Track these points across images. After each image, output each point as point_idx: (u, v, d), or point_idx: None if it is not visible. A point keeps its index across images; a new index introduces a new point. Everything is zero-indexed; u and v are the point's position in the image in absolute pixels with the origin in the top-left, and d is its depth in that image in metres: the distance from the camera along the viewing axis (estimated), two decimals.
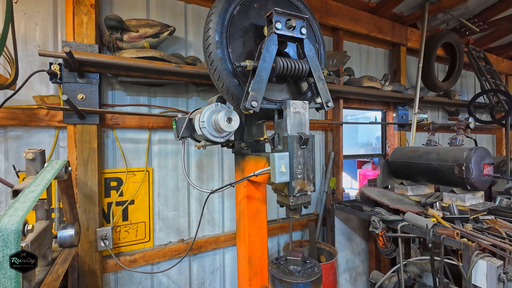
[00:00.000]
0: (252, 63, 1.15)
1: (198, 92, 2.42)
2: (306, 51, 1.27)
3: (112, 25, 1.91)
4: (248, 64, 1.15)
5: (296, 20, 1.21)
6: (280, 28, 1.17)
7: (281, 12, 1.17)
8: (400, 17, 3.57)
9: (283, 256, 1.32)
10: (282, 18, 1.18)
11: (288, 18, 1.19)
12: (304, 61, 1.27)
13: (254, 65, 1.15)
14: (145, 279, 2.22)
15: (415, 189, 2.62)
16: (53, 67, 1.81)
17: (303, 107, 1.21)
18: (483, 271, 1.66)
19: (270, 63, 1.17)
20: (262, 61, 1.15)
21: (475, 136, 3.09)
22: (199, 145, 1.45)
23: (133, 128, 2.16)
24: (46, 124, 1.86)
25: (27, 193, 1.05)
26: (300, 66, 1.26)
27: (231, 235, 2.52)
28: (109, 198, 2.10)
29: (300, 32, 1.23)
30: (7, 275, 0.85)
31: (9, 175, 1.80)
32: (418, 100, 3.31)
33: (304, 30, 1.24)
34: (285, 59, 1.23)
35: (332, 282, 2.56)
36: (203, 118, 1.32)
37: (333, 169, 3.12)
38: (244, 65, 1.15)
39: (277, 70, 1.21)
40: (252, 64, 1.15)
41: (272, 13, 1.16)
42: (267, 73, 1.17)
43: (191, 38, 2.41)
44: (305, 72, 1.28)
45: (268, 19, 1.20)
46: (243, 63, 1.15)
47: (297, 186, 1.12)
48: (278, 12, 1.16)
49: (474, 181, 2.07)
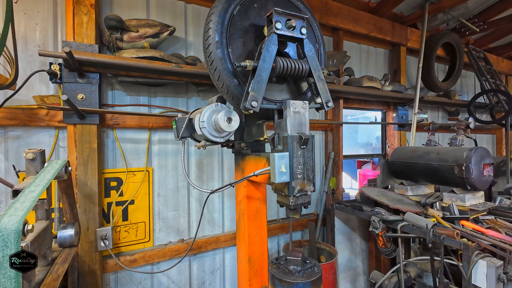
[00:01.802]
0: (252, 63, 1.15)
1: (198, 92, 2.42)
2: (306, 51, 1.27)
3: (112, 25, 1.91)
4: (248, 64, 1.14)
5: (296, 20, 1.21)
6: (280, 28, 1.17)
7: (281, 12, 1.17)
8: (400, 17, 3.57)
9: (283, 256, 1.32)
10: (282, 18, 1.18)
11: (288, 18, 1.19)
12: (304, 61, 1.27)
13: (254, 65, 1.15)
14: (145, 279, 2.22)
15: (415, 189, 2.62)
16: (53, 67, 1.81)
17: (303, 107, 1.21)
18: (483, 271, 1.66)
19: (270, 63, 1.17)
20: (262, 61, 1.15)
21: (475, 136, 3.09)
22: (199, 145, 1.45)
23: (133, 128, 2.16)
24: (46, 124, 1.86)
25: (27, 193, 1.05)
26: (300, 66, 1.25)
27: (231, 235, 2.52)
28: (109, 198, 2.10)
29: (300, 32, 1.23)
30: (7, 275, 0.85)
31: (9, 175, 1.80)
32: (418, 100, 3.31)
33: (304, 30, 1.24)
34: (285, 59, 1.23)
35: (332, 282, 2.56)
36: (203, 118, 1.32)
37: (333, 169, 3.12)
38: (244, 65, 1.15)
39: (277, 70, 1.21)
40: (252, 64, 1.15)
41: (272, 13, 1.16)
42: (267, 73, 1.17)
43: (191, 38, 2.41)
44: (305, 72, 1.27)
45: (268, 19, 1.20)
46: (243, 63, 1.15)
47: (297, 186, 1.12)
48: (278, 12, 1.16)
49: (474, 181, 2.07)
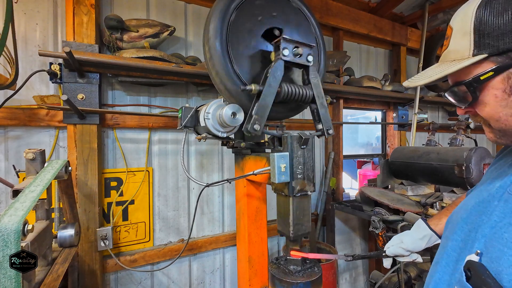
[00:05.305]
0: (257, 87, 1.16)
1: (198, 92, 2.42)
2: (311, 78, 1.29)
3: (112, 25, 1.91)
4: (253, 88, 1.15)
5: (303, 48, 1.24)
6: (287, 55, 1.20)
7: (289, 40, 1.20)
8: (400, 17, 3.57)
9: (283, 256, 1.31)
10: (289, 45, 1.21)
11: (296, 46, 1.23)
12: (308, 87, 1.30)
13: (259, 89, 1.16)
14: (145, 279, 2.22)
15: (415, 189, 2.62)
16: (53, 67, 1.81)
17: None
18: None
19: (276, 88, 1.19)
20: (268, 87, 1.17)
21: (475, 136, 3.08)
22: (199, 137, 1.47)
23: (133, 128, 2.16)
24: (46, 124, 1.86)
25: (27, 193, 1.05)
26: (304, 92, 1.28)
27: (231, 235, 2.52)
28: (109, 198, 2.10)
29: (306, 59, 1.26)
30: (7, 275, 0.85)
31: (9, 175, 1.81)
32: (418, 100, 3.31)
33: (311, 58, 1.27)
34: (290, 85, 1.25)
35: (332, 282, 2.56)
36: (209, 110, 1.37)
37: (333, 169, 3.12)
38: (249, 89, 1.16)
39: (281, 95, 1.23)
40: (257, 88, 1.16)
41: (280, 40, 1.19)
42: (272, 98, 1.18)
43: (191, 38, 2.42)
44: (309, 98, 1.30)
45: (275, 45, 1.23)
46: (249, 87, 1.16)
47: (297, 186, 1.12)
48: (286, 40, 1.19)
49: (474, 181, 2.07)
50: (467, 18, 0.64)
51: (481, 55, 0.62)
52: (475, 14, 0.62)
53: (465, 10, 0.66)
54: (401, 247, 1.27)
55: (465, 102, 0.71)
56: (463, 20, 0.65)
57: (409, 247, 1.26)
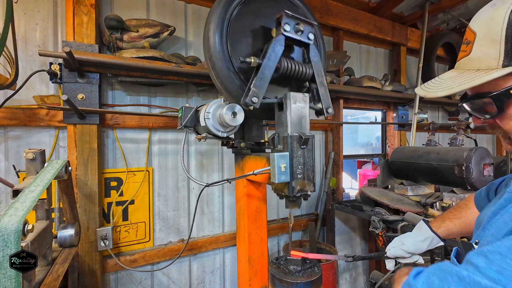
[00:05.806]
0: (256, 60, 1.16)
1: (198, 92, 2.42)
2: (312, 56, 1.29)
3: (112, 25, 1.91)
4: (252, 61, 1.15)
5: (305, 26, 1.23)
6: (288, 30, 1.19)
7: (290, 16, 1.19)
8: (400, 17, 3.57)
9: (283, 256, 1.31)
10: (291, 21, 1.20)
11: (297, 22, 1.21)
12: (308, 65, 1.29)
13: (258, 62, 1.16)
14: (145, 279, 2.22)
15: (415, 189, 2.62)
16: (53, 67, 1.81)
17: (303, 99, 1.21)
18: None
19: (275, 62, 1.18)
20: (267, 60, 1.16)
21: (475, 136, 3.08)
22: (199, 136, 1.47)
23: (133, 128, 2.16)
24: (46, 124, 1.86)
25: (27, 193, 1.05)
26: (303, 69, 1.27)
27: (231, 235, 2.52)
28: (109, 198, 2.09)
29: (307, 37, 1.25)
30: (7, 275, 0.85)
31: (9, 175, 1.80)
32: (418, 100, 3.31)
33: (312, 36, 1.26)
34: (290, 61, 1.24)
35: (332, 282, 2.56)
36: (209, 110, 1.36)
37: (333, 169, 3.12)
38: (248, 61, 1.15)
39: (281, 70, 1.22)
40: (257, 61, 1.16)
41: (282, 15, 1.18)
42: (271, 71, 1.17)
43: (191, 38, 2.41)
44: (308, 75, 1.29)
45: (277, 20, 1.22)
46: (248, 59, 1.15)
47: (297, 186, 1.12)
48: (288, 15, 1.18)
49: (474, 181, 2.07)
50: (496, 24, 0.57)
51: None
52: (507, 20, 0.55)
53: (491, 14, 0.58)
54: (402, 249, 1.25)
55: (486, 113, 0.65)
56: (489, 25, 0.58)
57: (410, 249, 1.23)
